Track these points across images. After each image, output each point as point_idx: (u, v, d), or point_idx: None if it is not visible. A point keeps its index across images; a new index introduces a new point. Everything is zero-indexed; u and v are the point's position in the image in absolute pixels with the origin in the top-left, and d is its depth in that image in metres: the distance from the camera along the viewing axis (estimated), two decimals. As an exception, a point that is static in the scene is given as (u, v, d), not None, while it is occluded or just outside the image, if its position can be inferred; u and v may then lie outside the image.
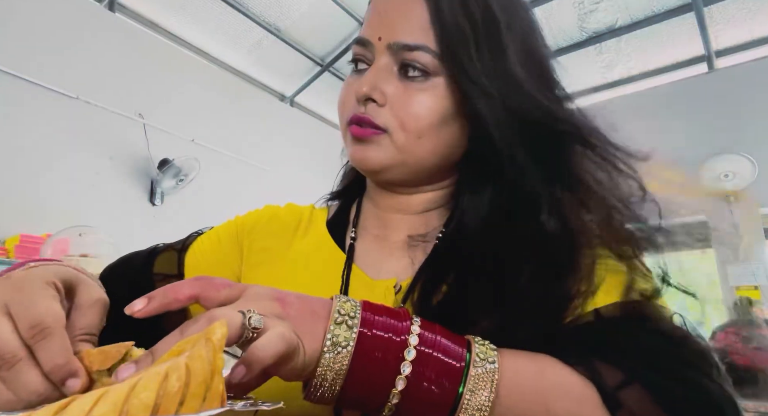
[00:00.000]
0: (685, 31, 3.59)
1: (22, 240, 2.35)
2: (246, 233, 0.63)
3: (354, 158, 0.53)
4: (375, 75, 0.51)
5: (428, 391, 0.35)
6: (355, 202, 0.65)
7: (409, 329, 0.37)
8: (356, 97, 0.51)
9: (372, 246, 0.58)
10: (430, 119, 0.50)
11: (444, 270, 0.50)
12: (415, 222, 0.57)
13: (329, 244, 0.59)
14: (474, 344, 0.38)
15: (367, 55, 0.53)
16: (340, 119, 0.56)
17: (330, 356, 0.35)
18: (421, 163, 0.53)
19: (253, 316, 0.33)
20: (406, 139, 0.51)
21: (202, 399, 0.28)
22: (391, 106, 0.51)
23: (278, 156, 3.92)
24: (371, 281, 0.54)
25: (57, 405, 0.27)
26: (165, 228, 3.06)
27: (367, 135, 0.51)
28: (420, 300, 0.48)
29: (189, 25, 3.49)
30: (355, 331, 0.35)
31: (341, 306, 0.37)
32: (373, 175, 0.55)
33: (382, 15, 0.52)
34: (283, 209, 0.67)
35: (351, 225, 0.61)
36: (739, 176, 3.53)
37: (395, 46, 0.50)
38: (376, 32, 0.52)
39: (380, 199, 0.59)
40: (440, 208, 0.58)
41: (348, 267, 0.55)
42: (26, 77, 2.62)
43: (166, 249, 0.63)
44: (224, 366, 0.30)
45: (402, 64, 0.51)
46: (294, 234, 0.62)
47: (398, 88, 0.51)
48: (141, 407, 0.26)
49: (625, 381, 0.38)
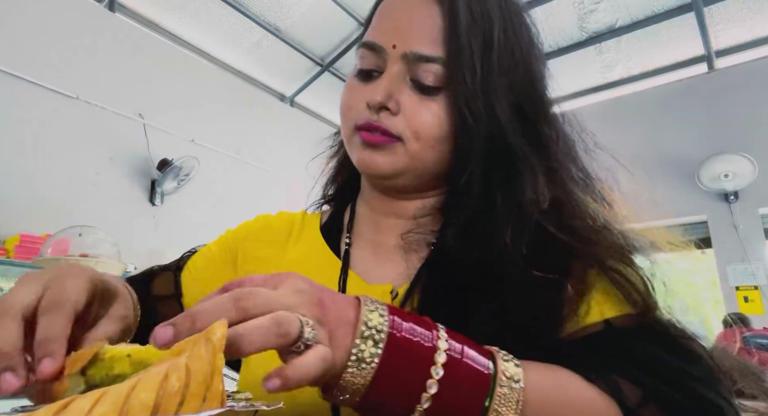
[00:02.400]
0: (685, 31, 3.59)
1: (22, 240, 2.36)
2: (240, 243, 0.64)
3: (363, 163, 0.53)
4: (389, 83, 0.51)
5: (458, 396, 0.35)
6: (348, 206, 0.64)
7: (438, 335, 0.37)
8: (369, 104, 0.51)
9: (367, 251, 0.58)
10: (439, 130, 0.51)
11: (441, 278, 0.50)
12: (409, 227, 0.57)
13: (324, 250, 0.59)
14: (498, 357, 0.38)
15: (378, 62, 0.52)
16: (344, 123, 0.55)
17: (353, 370, 0.35)
18: (427, 172, 0.53)
19: (307, 329, 0.32)
20: (420, 148, 0.51)
21: (202, 399, 0.28)
22: (405, 115, 0.50)
23: (278, 156, 3.92)
24: (367, 286, 0.53)
25: (57, 405, 0.27)
26: (165, 228, 3.06)
27: (379, 141, 0.51)
28: (419, 305, 0.48)
29: (189, 25, 3.50)
30: (381, 346, 0.35)
31: (368, 317, 0.36)
32: (381, 180, 0.55)
33: (397, 21, 0.52)
34: (274, 217, 0.67)
35: (345, 230, 0.61)
36: (739, 176, 3.54)
37: (411, 55, 0.50)
38: (391, 39, 0.51)
39: (377, 203, 0.59)
40: (433, 213, 0.58)
41: (344, 273, 0.55)
42: (26, 77, 2.63)
43: (162, 271, 0.64)
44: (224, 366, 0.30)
45: (416, 74, 0.51)
46: (287, 241, 0.62)
47: (412, 97, 0.51)
48: (141, 407, 0.26)
49: (645, 400, 0.39)
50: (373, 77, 0.53)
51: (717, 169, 3.57)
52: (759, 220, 3.58)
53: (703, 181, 3.63)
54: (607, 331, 0.45)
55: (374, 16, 0.56)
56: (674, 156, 3.80)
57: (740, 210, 3.61)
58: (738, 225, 3.58)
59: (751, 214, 3.59)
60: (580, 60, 3.88)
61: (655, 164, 3.71)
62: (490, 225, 0.49)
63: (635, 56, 3.91)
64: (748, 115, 3.66)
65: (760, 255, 3.51)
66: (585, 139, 0.57)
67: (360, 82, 0.54)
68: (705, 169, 3.60)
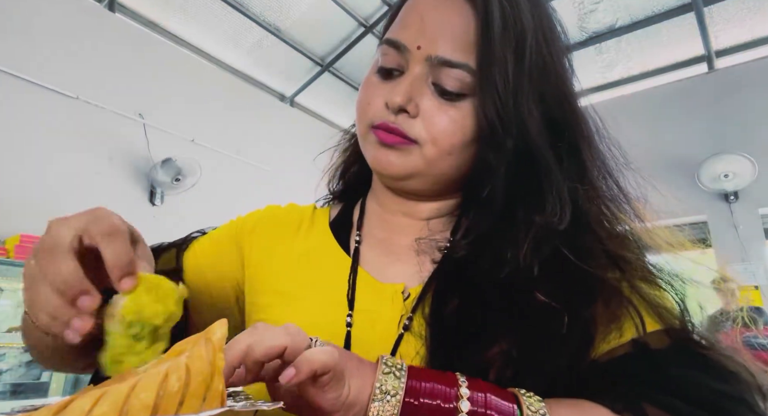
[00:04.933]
0: (685, 31, 3.59)
1: (22, 240, 2.35)
2: (247, 233, 0.63)
3: (377, 161, 0.52)
4: (410, 85, 0.49)
5: None
6: (358, 202, 0.64)
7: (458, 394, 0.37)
8: (388, 105, 0.49)
9: (377, 250, 0.57)
10: (460, 137, 0.49)
11: (456, 283, 0.49)
12: (422, 228, 0.56)
13: (333, 247, 0.58)
14: (522, 399, 0.38)
15: (400, 61, 0.51)
16: (360, 119, 0.53)
17: (378, 404, 0.35)
18: (443, 177, 0.52)
19: (319, 340, 0.37)
20: (436, 154, 0.49)
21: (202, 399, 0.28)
22: (424, 120, 0.49)
23: (278, 156, 3.92)
24: (379, 284, 0.53)
25: (57, 405, 0.27)
26: (165, 228, 3.05)
27: (396, 142, 0.50)
28: (432, 310, 0.47)
29: (189, 25, 3.50)
30: (403, 381, 0.36)
31: (388, 359, 0.38)
32: (394, 181, 0.54)
33: (425, 21, 0.49)
34: (284, 209, 0.66)
35: (355, 227, 0.60)
36: (739, 176, 3.53)
37: (436, 59, 0.48)
38: (416, 40, 0.49)
39: (388, 202, 0.58)
40: (446, 216, 0.57)
41: (354, 270, 0.54)
42: (26, 77, 2.63)
43: (168, 248, 0.63)
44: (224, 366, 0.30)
45: (438, 79, 0.49)
46: (296, 233, 0.62)
47: (432, 102, 0.49)
48: (141, 407, 0.26)
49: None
50: (394, 76, 0.51)
51: (717, 169, 3.56)
52: (759, 220, 3.58)
53: (703, 181, 3.63)
54: (636, 353, 0.43)
55: (401, 11, 0.53)
56: (674, 156, 3.79)
57: (740, 210, 3.61)
58: (738, 225, 3.58)
59: (751, 214, 3.59)
60: (580, 60, 3.87)
61: (655, 164, 3.70)
62: (506, 240, 0.48)
63: (635, 56, 3.90)
64: (748, 115, 3.66)
65: (760, 255, 3.51)
66: (616, 154, 0.54)
67: (380, 80, 0.52)
68: (705, 169, 3.60)
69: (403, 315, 0.49)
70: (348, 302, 0.52)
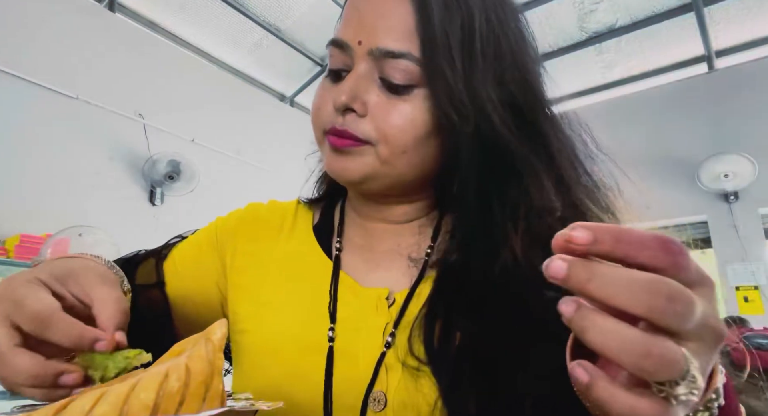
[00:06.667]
0: (685, 31, 3.59)
1: (22, 240, 2.35)
2: (229, 235, 0.61)
3: (332, 169, 0.50)
4: (355, 83, 0.46)
5: None
6: (337, 205, 0.62)
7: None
8: (334, 106, 0.47)
9: (358, 257, 0.56)
10: (413, 133, 0.46)
11: (447, 292, 0.47)
12: (400, 231, 0.55)
13: (316, 251, 0.57)
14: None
15: (345, 60, 0.48)
16: (314, 126, 0.52)
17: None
18: (402, 177, 0.49)
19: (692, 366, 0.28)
20: (390, 153, 0.47)
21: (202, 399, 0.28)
22: (373, 118, 0.47)
23: (278, 156, 3.91)
24: (361, 289, 0.52)
25: (57, 405, 0.27)
26: (165, 228, 3.05)
27: (348, 146, 0.47)
28: (425, 317, 0.45)
29: (189, 25, 3.49)
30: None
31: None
32: (352, 185, 0.53)
33: (363, 14, 0.47)
34: (265, 207, 0.65)
35: (336, 233, 0.59)
36: (739, 176, 3.53)
37: (377, 52, 0.46)
38: (356, 35, 0.47)
39: (362, 208, 0.57)
40: (422, 218, 0.56)
41: (335, 279, 0.53)
42: (26, 77, 2.62)
43: (146, 258, 0.61)
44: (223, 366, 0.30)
45: (384, 72, 0.46)
46: (278, 235, 0.60)
47: (380, 97, 0.47)
48: (141, 407, 0.26)
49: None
50: (342, 77, 0.49)
51: (717, 169, 3.56)
52: (759, 220, 3.58)
53: (703, 181, 3.63)
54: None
55: (343, 11, 0.51)
56: (674, 156, 3.79)
57: (740, 210, 3.61)
58: (738, 225, 3.57)
59: (751, 214, 3.59)
60: (580, 60, 3.88)
61: (655, 164, 3.70)
62: (492, 236, 0.46)
63: (635, 56, 3.90)
64: (748, 115, 3.66)
65: (760, 255, 3.51)
66: (587, 141, 0.52)
67: (331, 83, 0.50)
68: (705, 169, 3.60)
69: (388, 323, 0.48)
70: (330, 315, 0.50)
